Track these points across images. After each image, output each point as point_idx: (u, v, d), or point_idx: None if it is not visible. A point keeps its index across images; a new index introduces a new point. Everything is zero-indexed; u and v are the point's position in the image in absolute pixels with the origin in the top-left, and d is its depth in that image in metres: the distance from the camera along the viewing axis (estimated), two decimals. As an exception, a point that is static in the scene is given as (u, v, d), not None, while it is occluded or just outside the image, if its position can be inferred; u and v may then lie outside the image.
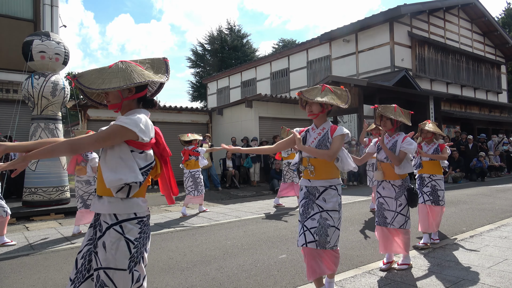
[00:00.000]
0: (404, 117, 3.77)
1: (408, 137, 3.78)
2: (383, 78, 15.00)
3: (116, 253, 1.87)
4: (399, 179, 3.77)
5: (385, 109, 3.77)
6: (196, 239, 5.41)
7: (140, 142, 1.94)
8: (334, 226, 2.88)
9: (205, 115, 14.36)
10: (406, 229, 3.75)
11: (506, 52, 22.88)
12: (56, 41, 7.80)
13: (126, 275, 1.88)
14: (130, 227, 1.92)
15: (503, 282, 3.33)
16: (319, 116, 2.99)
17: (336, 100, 2.90)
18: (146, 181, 2.01)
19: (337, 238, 2.93)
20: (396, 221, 3.73)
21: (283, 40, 38.00)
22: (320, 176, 2.91)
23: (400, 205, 3.74)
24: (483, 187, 11.23)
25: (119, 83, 1.89)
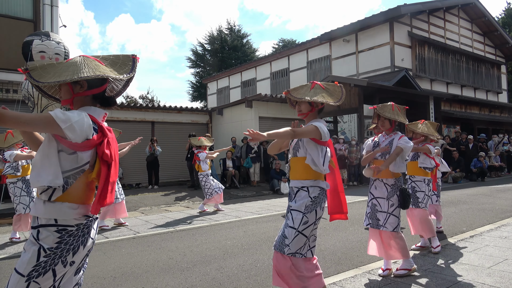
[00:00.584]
0: (401, 115, 3.72)
1: (404, 136, 3.70)
2: (383, 78, 15.00)
3: (24, 256, 1.73)
4: (392, 177, 3.62)
5: (383, 109, 3.71)
6: (196, 239, 5.41)
7: (71, 142, 1.75)
8: (293, 228, 2.59)
9: (205, 115, 14.36)
10: (398, 232, 3.60)
11: (506, 52, 22.88)
12: (56, 41, 7.80)
13: (21, 282, 1.69)
14: (45, 233, 1.73)
15: (503, 282, 3.33)
16: (309, 115, 2.85)
17: (327, 98, 2.71)
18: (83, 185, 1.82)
19: (301, 246, 2.59)
20: (389, 223, 3.58)
21: (283, 40, 38.00)
22: (294, 176, 2.75)
23: (392, 206, 3.61)
24: (483, 187, 11.23)
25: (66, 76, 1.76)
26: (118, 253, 4.74)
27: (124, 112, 12.24)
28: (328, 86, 2.82)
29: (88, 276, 3.89)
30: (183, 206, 8.93)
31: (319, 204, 2.66)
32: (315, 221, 2.66)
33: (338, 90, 2.81)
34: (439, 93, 17.07)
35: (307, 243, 2.65)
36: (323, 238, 5.22)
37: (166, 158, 12.61)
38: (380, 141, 3.82)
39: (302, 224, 2.60)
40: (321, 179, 2.71)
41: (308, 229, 2.63)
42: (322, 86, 2.79)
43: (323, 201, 2.70)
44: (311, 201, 2.64)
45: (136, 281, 3.70)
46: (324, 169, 2.65)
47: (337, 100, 2.74)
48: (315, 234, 2.72)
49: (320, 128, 2.66)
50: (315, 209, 2.64)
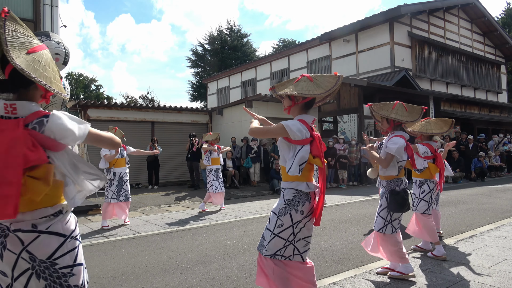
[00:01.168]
0: (405, 114, 3.48)
1: (396, 136, 3.47)
2: (383, 78, 15.00)
3: None
4: (384, 179, 3.58)
5: (380, 107, 3.56)
6: (196, 239, 5.41)
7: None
8: (269, 230, 2.52)
9: (205, 115, 14.36)
10: (386, 234, 3.48)
11: (506, 52, 22.89)
12: (56, 41, 7.80)
13: None
14: None
15: (503, 282, 3.33)
16: (291, 110, 2.65)
17: (311, 91, 2.47)
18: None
19: (278, 249, 2.47)
20: (377, 223, 3.55)
21: (283, 40, 38.03)
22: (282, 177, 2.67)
23: (380, 206, 3.56)
24: (483, 187, 11.23)
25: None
26: (118, 253, 4.74)
27: (124, 112, 12.24)
28: (318, 77, 2.57)
29: (88, 276, 3.89)
30: (183, 206, 8.93)
31: (294, 207, 2.48)
32: (293, 225, 2.48)
33: (331, 81, 2.54)
34: (439, 93, 17.07)
35: (290, 246, 2.50)
36: (323, 238, 5.22)
37: (166, 158, 12.61)
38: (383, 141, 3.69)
39: (277, 227, 2.50)
40: (301, 180, 2.51)
41: (285, 232, 2.48)
42: (311, 78, 2.55)
43: (300, 204, 2.49)
44: (284, 203, 2.51)
45: (136, 281, 3.70)
46: (291, 171, 2.42)
47: (322, 92, 2.48)
48: (302, 237, 2.52)
49: (287, 127, 2.44)
50: (289, 212, 2.48)
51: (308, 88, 2.49)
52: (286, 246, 2.49)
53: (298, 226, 2.51)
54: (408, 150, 3.51)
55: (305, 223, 2.53)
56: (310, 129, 2.52)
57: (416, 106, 3.60)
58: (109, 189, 6.49)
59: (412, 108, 3.57)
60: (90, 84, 43.26)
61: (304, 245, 2.54)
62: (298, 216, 2.49)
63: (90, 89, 42.82)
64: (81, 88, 40.12)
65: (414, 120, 3.55)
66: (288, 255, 2.50)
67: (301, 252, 2.52)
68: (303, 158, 2.44)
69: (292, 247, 2.50)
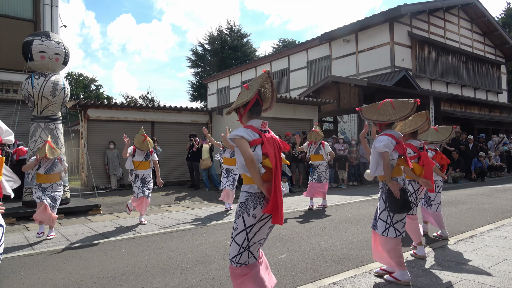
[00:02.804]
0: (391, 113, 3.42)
1: (382, 135, 3.45)
2: (383, 78, 15.00)
3: None
4: (379, 180, 3.56)
5: (366, 110, 3.54)
6: (196, 239, 5.41)
7: None
8: (231, 236, 2.59)
9: (205, 115, 14.36)
10: (388, 237, 3.40)
11: (506, 52, 22.90)
12: (56, 41, 7.80)
13: None
14: None
15: (503, 282, 3.33)
16: (241, 120, 2.73)
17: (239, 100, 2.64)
18: None
19: (235, 253, 2.53)
20: (378, 226, 3.49)
21: (283, 40, 38.03)
22: None
23: (379, 209, 3.51)
24: (483, 187, 11.22)
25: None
26: (118, 253, 4.74)
27: (124, 112, 12.24)
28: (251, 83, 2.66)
29: (88, 276, 3.89)
30: (183, 206, 8.93)
31: (246, 210, 2.54)
32: (246, 229, 2.53)
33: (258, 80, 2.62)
34: (439, 93, 17.07)
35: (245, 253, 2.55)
36: (323, 238, 5.22)
37: (166, 158, 12.60)
38: None
39: (234, 230, 2.59)
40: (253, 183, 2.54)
41: (240, 237, 2.53)
42: (247, 86, 2.65)
43: (251, 207, 2.53)
44: (239, 207, 2.59)
45: (136, 281, 3.70)
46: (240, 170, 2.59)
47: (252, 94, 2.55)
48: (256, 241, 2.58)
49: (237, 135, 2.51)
50: (242, 215, 2.55)
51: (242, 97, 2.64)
52: (241, 253, 2.54)
53: (252, 230, 2.54)
54: (399, 149, 3.45)
55: (260, 227, 2.57)
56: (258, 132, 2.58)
57: (408, 100, 3.46)
58: (134, 186, 6.77)
59: (401, 104, 3.44)
60: (90, 84, 43.25)
61: (258, 247, 2.64)
62: (251, 220, 2.53)
63: (90, 89, 42.81)
64: (81, 88, 40.10)
65: (403, 116, 3.41)
66: (243, 261, 2.55)
67: (254, 253, 2.60)
68: (257, 160, 2.52)
69: (247, 253, 2.56)
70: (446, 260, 4.06)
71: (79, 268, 4.17)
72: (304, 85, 19.25)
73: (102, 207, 8.29)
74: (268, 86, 2.69)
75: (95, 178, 10.49)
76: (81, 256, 4.64)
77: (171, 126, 13.23)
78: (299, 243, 5.00)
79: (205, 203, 9.27)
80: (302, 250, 4.61)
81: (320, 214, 7.23)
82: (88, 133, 11.42)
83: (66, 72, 36.34)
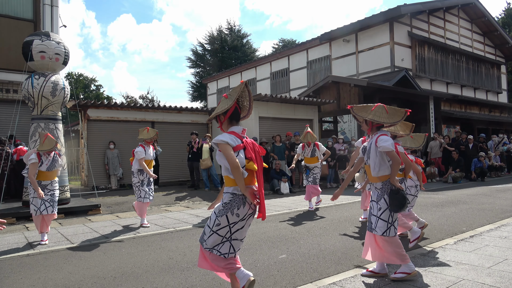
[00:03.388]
0: (385, 116, 3.47)
1: (383, 135, 3.48)
2: (383, 78, 15.00)
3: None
4: (378, 181, 3.52)
5: (359, 109, 3.55)
6: (196, 239, 5.41)
7: None
8: (209, 227, 2.87)
9: (205, 115, 14.35)
10: (390, 236, 3.45)
11: (506, 52, 22.90)
12: (56, 41, 7.80)
13: None
14: None
15: (503, 282, 3.33)
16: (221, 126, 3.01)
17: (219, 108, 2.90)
18: None
19: (216, 244, 2.86)
20: (378, 227, 3.47)
21: (283, 40, 38.03)
22: None
23: (380, 209, 3.49)
24: (483, 187, 11.22)
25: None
26: (118, 253, 4.74)
27: (124, 112, 12.24)
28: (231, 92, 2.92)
29: (88, 276, 3.89)
30: (183, 206, 8.93)
31: (230, 209, 2.81)
32: (229, 225, 2.82)
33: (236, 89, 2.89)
34: (439, 93, 17.08)
35: (227, 243, 2.86)
36: (323, 238, 5.22)
37: (166, 158, 12.61)
38: (367, 145, 3.65)
39: (215, 225, 2.84)
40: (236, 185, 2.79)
41: (223, 231, 2.83)
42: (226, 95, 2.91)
43: (235, 207, 2.80)
44: (222, 206, 2.85)
45: (136, 281, 3.70)
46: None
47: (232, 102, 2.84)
48: (239, 238, 2.89)
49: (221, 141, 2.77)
50: (226, 214, 2.81)
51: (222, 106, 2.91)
52: (223, 242, 2.86)
53: (235, 226, 2.84)
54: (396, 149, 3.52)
55: (242, 226, 2.87)
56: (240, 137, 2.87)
57: (399, 109, 3.56)
58: (141, 189, 6.53)
59: (394, 110, 3.53)
60: (90, 84, 43.26)
61: (239, 245, 2.93)
62: (234, 218, 2.82)
63: (90, 89, 42.82)
64: (81, 88, 40.11)
65: (394, 122, 3.51)
66: (224, 252, 2.85)
67: (236, 250, 2.90)
68: (241, 164, 2.77)
69: (228, 245, 2.86)
70: (446, 260, 4.06)
71: (79, 268, 4.17)
72: (304, 85, 19.26)
73: (102, 207, 8.29)
74: (245, 96, 2.95)
75: (95, 178, 10.49)
76: (81, 256, 4.64)
77: (171, 126, 13.23)
78: (299, 243, 5.00)
79: (205, 203, 9.27)
80: (302, 250, 4.61)
81: (320, 214, 7.23)
82: (88, 133, 11.42)
83: (66, 72, 36.36)
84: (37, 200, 5.43)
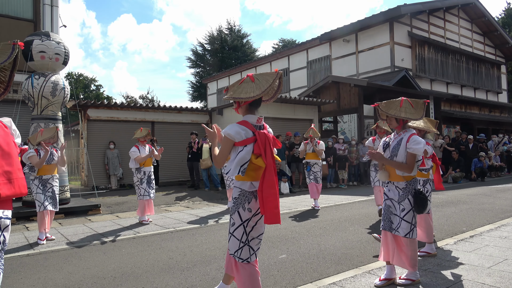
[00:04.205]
0: (413, 111, 3.36)
1: (415, 135, 3.36)
2: (383, 78, 15.00)
3: None
4: (403, 180, 3.38)
5: (389, 107, 3.41)
6: (196, 239, 5.41)
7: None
8: (230, 232, 2.70)
9: (205, 115, 14.35)
10: (413, 238, 3.33)
11: (506, 52, 22.90)
12: (56, 41, 7.80)
13: None
14: None
15: (503, 282, 3.33)
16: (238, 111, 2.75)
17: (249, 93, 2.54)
18: None
19: (235, 250, 2.65)
20: (401, 228, 3.32)
21: (283, 40, 38.02)
22: None
23: (403, 210, 3.35)
24: (483, 187, 11.22)
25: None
26: (118, 253, 4.74)
27: (124, 112, 12.24)
28: (258, 77, 2.61)
29: (88, 276, 3.89)
30: (183, 206, 8.93)
31: (240, 205, 2.65)
32: (243, 223, 2.64)
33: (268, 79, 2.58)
34: (439, 93, 17.07)
35: (246, 248, 2.66)
36: (323, 238, 5.22)
37: (166, 158, 12.60)
38: (391, 141, 3.51)
39: (231, 225, 2.69)
40: (245, 180, 2.65)
41: (238, 231, 2.64)
42: (252, 78, 2.60)
43: (245, 201, 2.64)
44: (233, 202, 2.69)
45: (136, 281, 3.70)
46: (230, 172, 2.59)
47: (259, 93, 2.52)
48: (255, 235, 2.70)
49: (228, 135, 2.59)
50: (237, 210, 2.66)
51: (247, 90, 2.54)
52: (241, 247, 2.65)
53: (249, 224, 2.66)
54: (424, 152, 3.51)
55: (256, 221, 2.69)
56: (253, 129, 2.62)
57: (418, 100, 3.47)
58: (140, 187, 6.71)
59: (416, 103, 3.43)
60: (90, 84, 43.25)
61: (257, 243, 2.73)
62: (246, 214, 2.64)
63: (90, 89, 42.81)
64: (81, 88, 40.11)
65: (420, 117, 3.38)
66: (245, 257, 2.66)
67: (255, 250, 2.71)
68: (244, 159, 2.57)
69: (247, 248, 2.66)
70: (446, 260, 4.06)
71: (79, 268, 4.17)
72: (304, 85, 19.25)
73: (102, 207, 8.29)
74: (275, 85, 2.67)
75: (95, 178, 10.49)
76: (81, 256, 4.64)
77: (171, 126, 13.23)
78: (299, 243, 5.00)
79: (205, 203, 9.27)
80: (302, 250, 4.61)
81: (320, 214, 7.23)
82: (88, 133, 11.42)
83: (66, 72, 36.37)
84: (40, 195, 5.51)
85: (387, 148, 3.51)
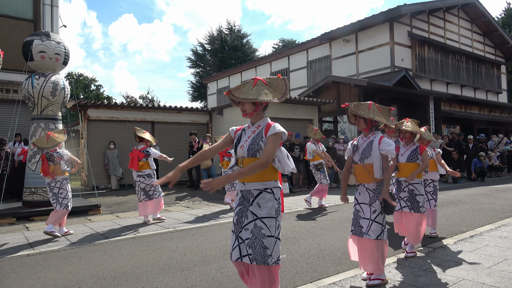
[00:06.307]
0: (380, 115, 3.44)
1: (384, 137, 3.42)
2: (383, 78, 15.00)
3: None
4: (373, 182, 3.41)
5: (358, 107, 3.46)
6: (196, 239, 5.41)
7: None
8: (273, 236, 2.50)
9: (205, 115, 14.36)
10: (384, 239, 3.37)
11: (506, 52, 22.89)
12: (56, 41, 7.80)
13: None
14: None
15: (503, 282, 3.33)
16: (254, 114, 2.65)
17: (270, 95, 2.53)
18: None
19: (279, 251, 2.55)
20: (372, 230, 3.33)
21: (283, 40, 38.02)
22: (254, 177, 2.52)
23: (375, 212, 3.36)
24: (483, 187, 11.23)
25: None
26: (118, 253, 4.74)
27: (124, 112, 12.24)
28: (271, 81, 2.63)
29: (88, 276, 3.89)
30: (183, 206, 8.93)
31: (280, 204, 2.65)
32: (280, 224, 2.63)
33: (282, 84, 2.63)
34: (439, 93, 17.07)
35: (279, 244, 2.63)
36: (323, 238, 5.22)
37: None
38: (359, 143, 3.55)
39: (277, 228, 2.54)
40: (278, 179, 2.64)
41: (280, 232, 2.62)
42: (265, 81, 2.61)
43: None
44: (278, 203, 2.57)
45: (136, 281, 3.70)
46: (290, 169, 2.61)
47: (281, 96, 2.57)
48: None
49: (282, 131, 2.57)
50: (279, 210, 2.63)
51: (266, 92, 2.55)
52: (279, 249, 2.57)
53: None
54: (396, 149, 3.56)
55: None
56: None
57: (384, 107, 3.55)
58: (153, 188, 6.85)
59: (383, 109, 3.51)
60: (90, 84, 43.26)
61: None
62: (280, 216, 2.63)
63: (90, 89, 42.82)
64: (81, 88, 40.12)
65: (386, 121, 3.48)
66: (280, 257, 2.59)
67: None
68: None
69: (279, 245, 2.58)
70: (446, 260, 4.06)
71: (79, 268, 4.17)
72: (304, 85, 19.25)
73: (102, 207, 8.29)
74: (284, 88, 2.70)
75: (95, 178, 10.49)
76: (81, 256, 4.64)
77: (171, 126, 13.23)
78: (299, 243, 5.00)
79: (205, 203, 9.27)
80: (302, 250, 4.61)
81: (320, 214, 7.23)
82: (88, 133, 11.42)
83: (66, 72, 36.38)
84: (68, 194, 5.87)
85: (356, 151, 3.54)
